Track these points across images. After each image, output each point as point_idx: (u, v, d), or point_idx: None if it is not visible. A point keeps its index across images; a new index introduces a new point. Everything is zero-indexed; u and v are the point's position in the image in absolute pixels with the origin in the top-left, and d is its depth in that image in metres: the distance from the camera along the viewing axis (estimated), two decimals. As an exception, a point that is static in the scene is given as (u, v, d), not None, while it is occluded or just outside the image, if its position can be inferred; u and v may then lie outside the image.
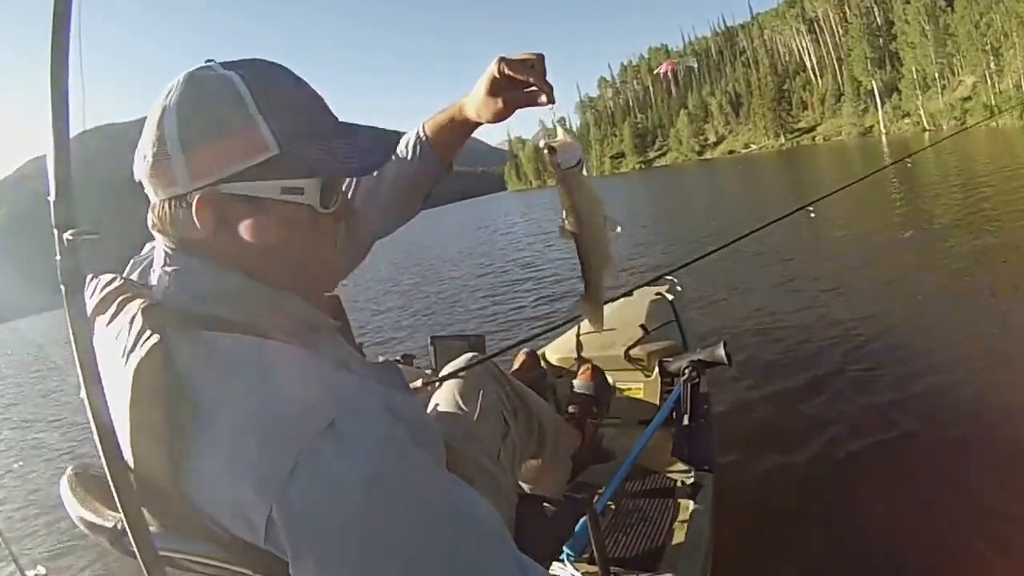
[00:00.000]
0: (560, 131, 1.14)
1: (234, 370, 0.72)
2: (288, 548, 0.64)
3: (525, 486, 1.98)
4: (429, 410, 1.69)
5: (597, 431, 2.41)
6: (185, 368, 0.72)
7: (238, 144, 0.77)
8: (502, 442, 1.63)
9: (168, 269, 0.82)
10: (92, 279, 0.88)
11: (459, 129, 1.24)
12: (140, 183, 0.84)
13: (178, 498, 0.72)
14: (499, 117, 1.14)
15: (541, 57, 1.08)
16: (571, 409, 2.35)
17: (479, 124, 1.20)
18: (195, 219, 0.78)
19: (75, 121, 0.74)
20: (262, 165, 0.78)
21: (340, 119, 0.88)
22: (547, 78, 1.08)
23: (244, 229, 0.80)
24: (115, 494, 0.72)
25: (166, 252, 0.84)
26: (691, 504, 2.09)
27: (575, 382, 2.48)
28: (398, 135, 0.91)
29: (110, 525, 0.85)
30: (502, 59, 1.08)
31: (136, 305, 0.78)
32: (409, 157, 1.27)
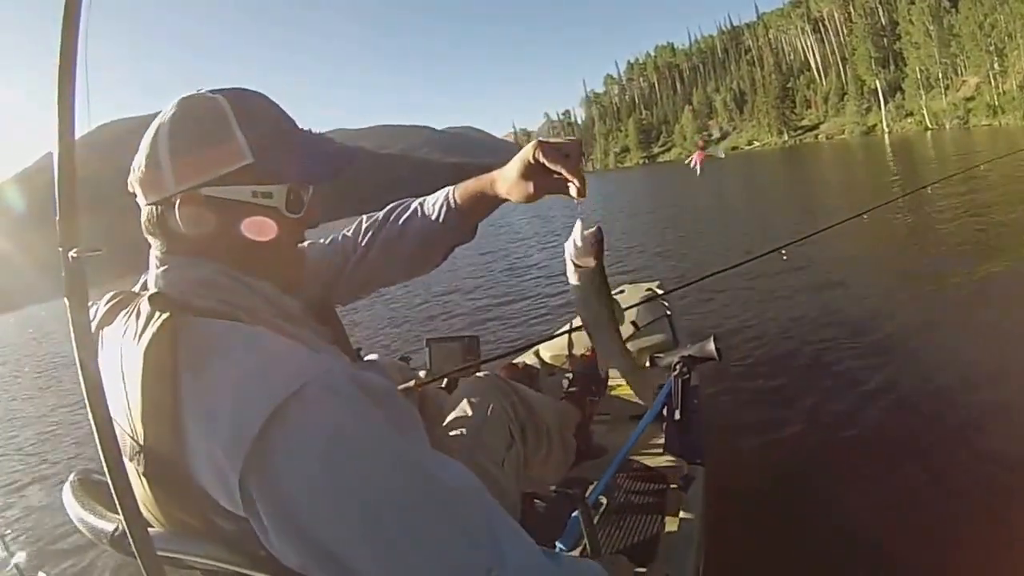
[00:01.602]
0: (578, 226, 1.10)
1: (219, 352, 0.78)
2: (261, 509, 0.71)
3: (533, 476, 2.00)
4: (445, 422, 1.71)
5: (595, 409, 2.42)
6: (184, 350, 0.79)
7: (219, 153, 0.89)
8: (507, 452, 1.63)
9: (158, 270, 0.92)
10: (93, 305, 0.94)
11: (488, 202, 1.29)
12: (133, 193, 0.95)
13: (184, 475, 0.77)
14: (529, 200, 1.18)
15: (578, 145, 1.11)
16: (571, 388, 2.37)
17: (507, 200, 1.24)
18: (177, 217, 0.88)
19: (80, 123, 0.79)
20: (237, 171, 0.89)
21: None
22: (580, 167, 1.10)
23: (220, 227, 0.90)
24: (115, 496, 0.75)
25: (156, 256, 0.94)
26: (683, 497, 2.10)
27: (574, 366, 2.50)
28: (355, 151, 0.95)
29: (111, 528, 0.90)
30: (540, 144, 1.11)
31: (141, 300, 0.87)
32: (434, 217, 1.31)
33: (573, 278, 1.12)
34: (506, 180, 1.19)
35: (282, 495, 0.70)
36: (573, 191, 1.09)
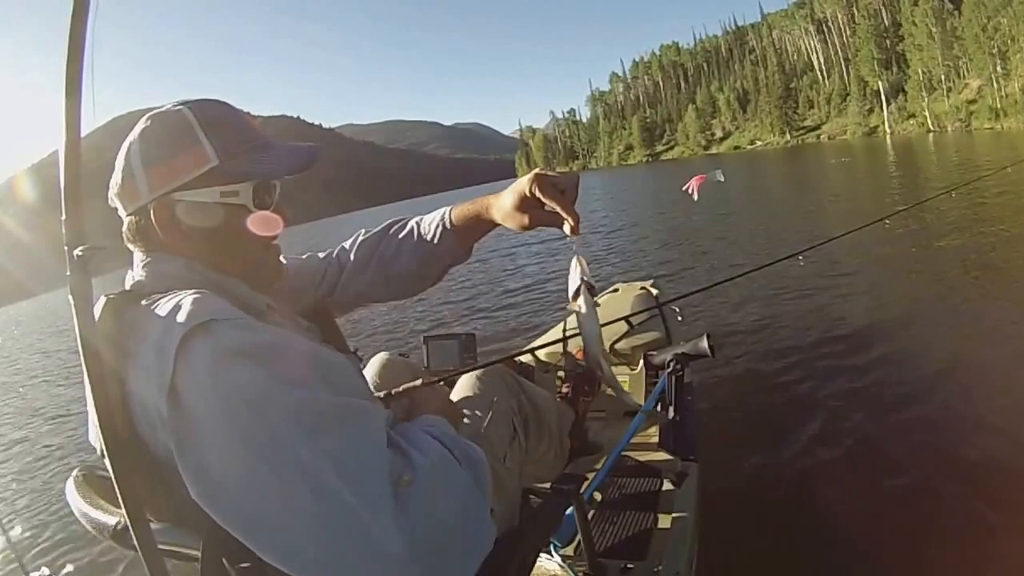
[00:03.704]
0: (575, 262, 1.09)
1: (149, 312, 0.84)
2: (171, 439, 0.74)
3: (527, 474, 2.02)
4: None
5: (588, 409, 2.44)
6: (129, 324, 0.84)
7: (186, 158, 0.94)
8: (509, 446, 1.64)
9: (135, 270, 0.98)
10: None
11: (483, 226, 1.29)
12: (115, 207, 1.01)
13: (140, 447, 0.81)
14: (523, 229, 1.18)
15: (575, 180, 1.11)
16: (565, 388, 2.38)
17: (502, 225, 1.25)
18: (152, 223, 0.94)
19: (87, 122, 0.84)
20: (205, 174, 0.95)
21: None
22: (575, 205, 1.10)
23: (192, 228, 0.96)
24: (117, 491, 0.77)
25: (137, 260, 1.00)
26: (677, 493, 2.13)
27: (567, 366, 2.51)
28: (311, 147, 1.04)
29: (113, 522, 0.92)
30: (537, 178, 1.10)
31: None
32: (430, 237, 1.33)
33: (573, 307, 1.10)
34: (501, 208, 1.19)
35: (183, 417, 0.73)
36: (567, 228, 1.08)
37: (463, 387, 1.73)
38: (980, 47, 59.03)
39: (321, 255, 1.44)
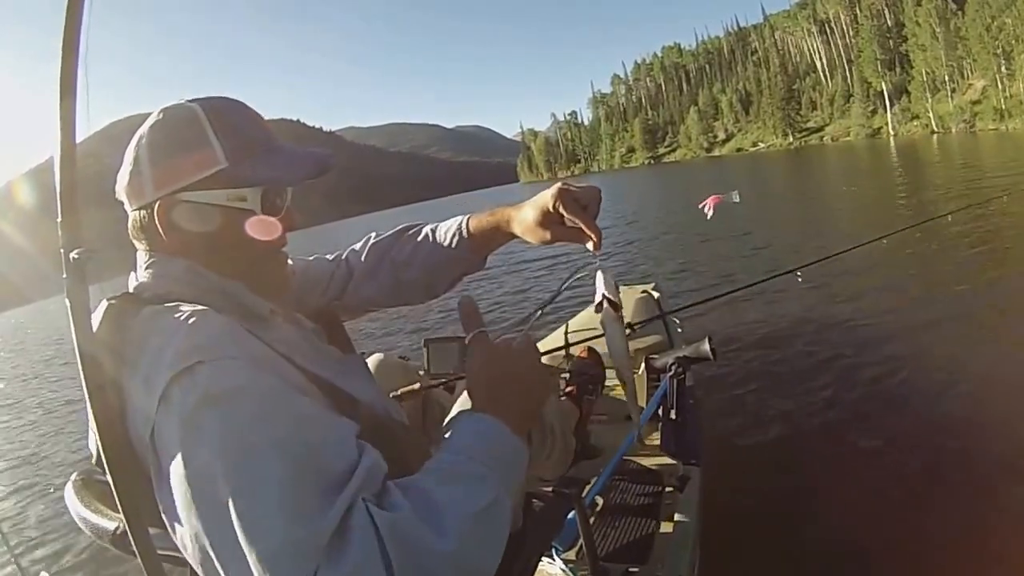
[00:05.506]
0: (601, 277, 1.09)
1: (150, 328, 0.82)
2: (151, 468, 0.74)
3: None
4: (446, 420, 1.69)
5: (592, 408, 2.43)
6: (130, 332, 0.83)
7: (194, 158, 0.92)
8: None
9: (138, 271, 0.97)
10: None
11: (502, 237, 1.28)
12: (121, 201, 0.99)
13: (133, 456, 0.79)
14: (544, 243, 1.18)
15: (597, 194, 1.11)
16: (568, 388, 2.37)
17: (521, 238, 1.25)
18: (156, 222, 0.92)
19: (81, 127, 0.83)
20: (213, 176, 0.93)
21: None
22: (597, 219, 1.10)
23: (197, 229, 0.94)
24: (116, 495, 0.77)
25: (140, 258, 0.98)
26: (678, 498, 2.12)
27: (571, 366, 2.51)
28: (324, 154, 1.02)
29: (112, 526, 0.92)
30: (560, 193, 1.10)
31: None
32: (446, 244, 1.31)
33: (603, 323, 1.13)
34: (522, 222, 1.19)
35: (159, 451, 0.73)
36: (590, 245, 1.09)
37: (460, 394, 1.72)
38: (984, 47, 58.77)
39: (329, 257, 1.43)
